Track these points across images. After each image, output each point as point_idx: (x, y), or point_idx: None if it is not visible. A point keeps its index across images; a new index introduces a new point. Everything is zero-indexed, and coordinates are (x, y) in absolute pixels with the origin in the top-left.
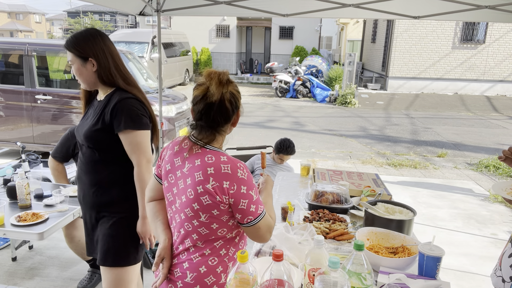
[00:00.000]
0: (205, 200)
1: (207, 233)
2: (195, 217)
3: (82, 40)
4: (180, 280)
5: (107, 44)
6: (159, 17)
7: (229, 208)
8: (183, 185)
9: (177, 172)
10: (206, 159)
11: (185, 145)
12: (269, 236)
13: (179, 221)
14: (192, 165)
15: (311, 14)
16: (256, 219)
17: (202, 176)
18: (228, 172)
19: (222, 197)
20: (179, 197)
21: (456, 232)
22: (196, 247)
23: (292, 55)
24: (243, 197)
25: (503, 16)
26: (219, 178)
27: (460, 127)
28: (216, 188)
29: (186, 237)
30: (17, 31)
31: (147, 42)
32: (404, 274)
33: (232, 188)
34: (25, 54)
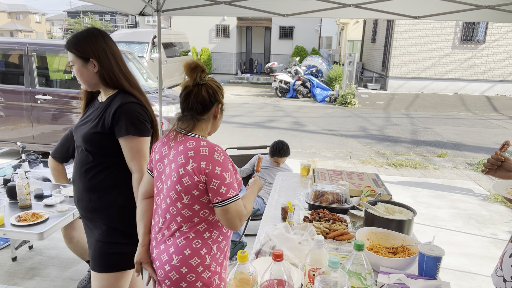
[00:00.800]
0: (186, 181)
1: (190, 214)
2: (178, 199)
3: (83, 40)
4: (168, 264)
5: (108, 44)
6: (159, 17)
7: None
8: (169, 170)
9: (164, 160)
10: (188, 145)
11: (172, 135)
12: (238, 223)
13: (165, 207)
14: (176, 151)
15: (311, 14)
16: (224, 201)
17: (184, 159)
18: (205, 154)
19: (200, 177)
20: (166, 182)
21: (456, 232)
22: (181, 232)
23: (292, 55)
24: (215, 177)
25: (503, 16)
26: (197, 159)
27: (460, 127)
28: (195, 169)
29: (171, 221)
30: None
31: (147, 42)
32: (404, 274)
33: (208, 168)
34: (25, 54)
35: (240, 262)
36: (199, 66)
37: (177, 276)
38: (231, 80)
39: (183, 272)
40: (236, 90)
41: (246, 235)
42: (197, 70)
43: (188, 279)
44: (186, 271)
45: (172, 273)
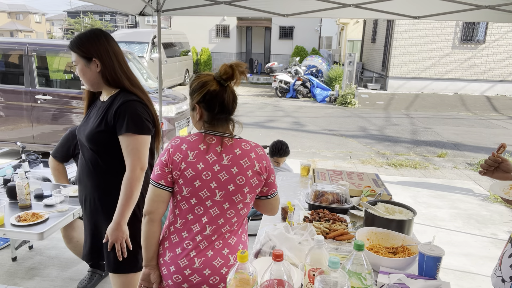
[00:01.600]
0: (254, 181)
1: (245, 212)
2: (242, 200)
3: (86, 40)
4: (225, 266)
5: (111, 44)
6: (159, 17)
7: None
8: (228, 175)
9: (214, 168)
10: (244, 147)
11: (211, 140)
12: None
13: (219, 213)
14: (233, 155)
15: (311, 14)
16: (276, 191)
17: (249, 162)
18: (262, 153)
19: (264, 174)
20: (223, 188)
21: (456, 232)
22: (232, 231)
23: (292, 55)
24: (271, 172)
25: (503, 16)
26: (260, 160)
27: (460, 127)
28: (261, 168)
29: (225, 224)
30: (17, 31)
31: (147, 42)
32: (404, 274)
33: (267, 165)
34: (25, 54)
35: (240, 262)
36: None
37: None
38: None
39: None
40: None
41: None
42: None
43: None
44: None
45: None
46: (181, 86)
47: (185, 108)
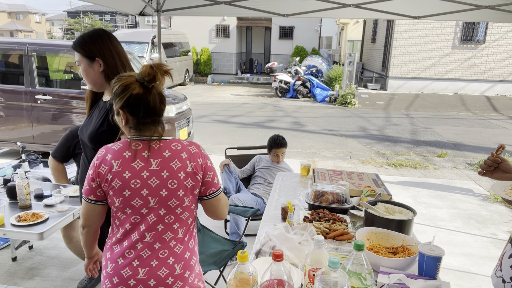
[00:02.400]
0: (188, 183)
1: (187, 216)
2: (179, 205)
3: (89, 40)
4: (170, 276)
5: (114, 44)
6: (159, 17)
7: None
8: (159, 180)
9: (142, 174)
10: (174, 147)
11: (137, 146)
12: (226, 210)
13: (156, 219)
14: (162, 159)
15: (311, 14)
16: (218, 191)
17: (180, 163)
18: (196, 151)
19: (200, 173)
20: (156, 194)
21: (456, 232)
22: (177, 239)
23: (292, 55)
24: (209, 170)
25: (503, 16)
26: (194, 158)
27: (460, 127)
28: (196, 167)
29: (166, 231)
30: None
31: (147, 42)
32: (404, 274)
33: (204, 163)
34: (25, 54)
35: (240, 262)
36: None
37: (182, 283)
38: (231, 80)
39: (187, 277)
40: (236, 90)
41: (246, 235)
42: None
43: (190, 281)
44: (189, 273)
45: (176, 283)
46: (181, 86)
47: (185, 108)
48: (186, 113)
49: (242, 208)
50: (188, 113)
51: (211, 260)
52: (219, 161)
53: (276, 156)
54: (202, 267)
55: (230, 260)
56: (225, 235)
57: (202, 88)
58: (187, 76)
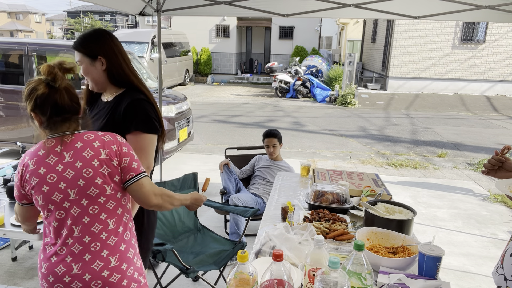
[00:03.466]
0: (105, 170)
1: (114, 205)
2: (100, 193)
3: (90, 39)
4: (105, 269)
5: (115, 43)
6: (159, 17)
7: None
8: (74, 171)
9: (57, 168)
10: (86, 138)
11: (50, 143)
12: (153, 198)
13: (81, 211)
14: (75, 150)
15: (311, 14)
16: (138, 175)
17: (93, 151)
18: (111, 139)
19: (116, 159)
20: (74, 185)
21: (456, 232)
22: (109, 231)
23: (292, 55)
24: (125, 155)
25: (503, 16)
26: (107, 146)
27: (460, 127)
28: (110, 153)
29: (93, 222)
30: (17, 31)
31: (147, 42)
32: (404, 274)
33: (118, 149)
34: (25, 54)
35: (240, 262)
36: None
37: (119, 276)
38: (231, 80)
39: (124, 269)
40: (236, 90)
41: (246, 235)
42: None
43: (128, 274)
44: (127, 266)
45: (113, 276)
46: (181, 86)
47: (185, 108)
48: (186, 113)
49: (242, 208)
50: (188, 113)
51: (211, 260)
52: (219, 161)
53: (267, 147)
54: (202, 267)
55: (230, 260)
56: (225, 235)
57: (202, 88)
58: (187, 76)
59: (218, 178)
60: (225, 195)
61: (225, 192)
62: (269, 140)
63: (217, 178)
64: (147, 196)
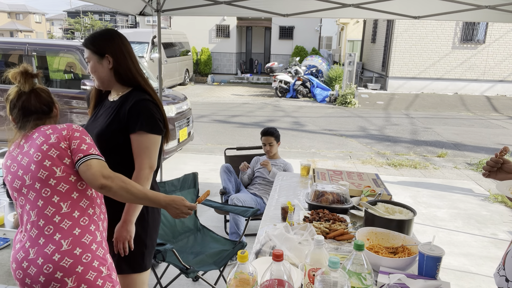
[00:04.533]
0: (53, 152)
1: (68, 188)
2: (50, 175)
3: (100, 38)
4: (57, 252)
5: (125, 43)
6: (159, 17)
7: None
8: (28, 158)
9: (17, 158)
10: (43, 130)
11: (19, 140)
12: (102, 179)
13: (35, 195)
14: (32, 141)
15: (311, 14)
16: (86, 156)
17: (44, 137)
18: (64, 127)
19: (65, 143)
20: (27, 171)
21: (456, 232)
22: (63, 214)
23: (292, 55)
24: (75, 139)
25: (503, 16)
26: (58, 132)
27: (460, 127)
28: (59, 137)
29: (47, 205)
30: (17, 31)
31: (147, 42)
32: (404, 274)
33: (68, 133)
34: (25, 54)
35: (240, 262)
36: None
37: (72, 261)
38: (231, 80)
39: (78, 254)
40: (236, 90)
41: (246, 235)
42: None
43: (84, 260)
44: (81, 251)
45: (64, 260)
46: (181, 86)
47: (185, 108)
48: (186, 113)
49: (242, 208)
50: (188, 113)
51: (211, 260)
52: (219, 161)
53: (264, 146)
54: (202, 267)
55: (230, 260)
56: (225, 235)
57: (202, 88)
58: (187, 76)
59: (218, 178)
60: (225, 195)
61: (225, 192)
62: (266, 138)
63: (217, 178)
64: (95, 176)
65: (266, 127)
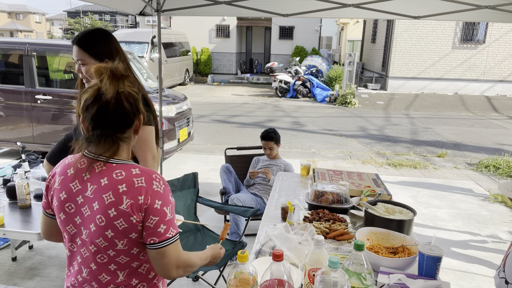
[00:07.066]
0: (120, 224)
1: (127, 260)
2: (110, 246)
3: (97, 39)
4: None
5: (117, 44)
6: (159, 17)
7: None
8: (90, 211)
9: (77, 199)
10: (115, 176)
11: (82, 164)
12: (174, 271)
13: (89, 255)
14: (98, 186)
15: (311, 14)
16: (161, 242)
17: (114, 197)
18: (142, 185)
19: (139, 215)
20: (86, 227)
21: (456, 232)
22: (118, 283)
23: (292, 55)
24: (153, 213)
25: (503, 16)
26: (133, 194)
27: (460, 127)
28: (131, 206)
29: (101, 271)
30: (17, 31)
31: (147, 42)
32: (404, 274)
33: (146, 202)
34: (25, 54)
35: (240, 262)
36: (123, 74)
37: None
38: (231, 80)
39: None
40: (236, 90)
41: (246, 235)
42: (123, 79)
43: None
44: None
45: None
46: (181, 86)
47: (185, 108)
48: (186, 113)
49: (242, 208)
50: (188, 113)
51: None
52: (219, 161)
53: (264, 149)
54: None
55: (230, 260)
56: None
57: (202, 88)
58: (187, 76)
59: (218, 178)
60: (225, 195)
61: (225, 192)
62: (266, 143)
63: (217, 178)
64: (167, 268)
65: (266, 130)
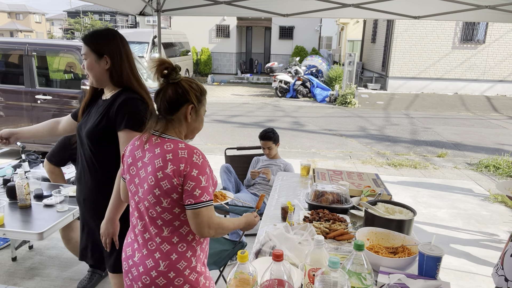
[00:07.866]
0: (164, 184)
1: (170, 218)
2: (157, 203)
3: (101, 37)
4: (154, 270)
5: (124, 45)
6: (159, 17)
7: None
8: (145, 173)
9: (138, 163)
10: (165, 147)
11: (145, 137)
12: (206, 231)
13: (144, 209)
14: (153, 154)
15: (311, 14)
16: (196, 204)
17: (162, 162)
18: (184, 156)
19: (179, 179)
20: (142, 185)
21: (456, 232)
22: (163, 237)
23: (292, 55)
24: (191, 179)
25: (503, 16)
26: (176, 162)
27: (460, 127)
28: (174, 171)
29: (151, 224)
30: (17, 31)
31: (147, 42)
32: (404, 274)
33: (186, 170)
34: (25, 54)
35: (240, 262)
36: (170, 64)
37: (165, 282)
38: (231, 80)
39: (171, 277)
40: (236, 90)
41: (246, 235)
42: (169, 72)
43: (176, 283)
44: (174, 275)
45: (159, 279)
46: None
47: None
48: None
49: (242, 208)
50: None
51: (211, 260)
52: (219, 161)
53: (263, 149)
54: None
55: (230, 260)
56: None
57: None
58: (187, 76)
59: (218, 178)
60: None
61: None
62: (264, 143)
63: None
64: (200, 226)
65: (264, 130)
